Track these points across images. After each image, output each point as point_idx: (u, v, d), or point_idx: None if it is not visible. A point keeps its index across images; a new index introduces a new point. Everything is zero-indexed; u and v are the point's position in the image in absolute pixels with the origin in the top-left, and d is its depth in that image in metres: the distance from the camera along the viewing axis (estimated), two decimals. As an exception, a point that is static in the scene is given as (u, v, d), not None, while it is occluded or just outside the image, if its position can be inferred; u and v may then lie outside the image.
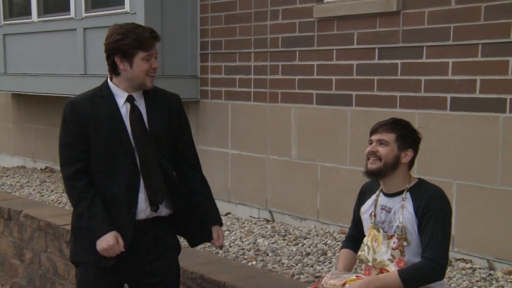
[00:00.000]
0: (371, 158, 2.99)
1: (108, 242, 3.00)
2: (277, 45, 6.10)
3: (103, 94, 3.15)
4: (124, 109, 3.12)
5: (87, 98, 3.16)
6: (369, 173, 3.01)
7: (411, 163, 3.04)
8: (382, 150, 2.97)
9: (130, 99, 3.13)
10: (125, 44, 3.05)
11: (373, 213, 3.07)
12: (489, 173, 4.59)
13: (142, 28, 3.10)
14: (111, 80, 3.19)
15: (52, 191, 7.78)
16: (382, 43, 5.22)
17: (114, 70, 3.14)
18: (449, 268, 4.55)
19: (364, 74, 5.38)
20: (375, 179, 3.07)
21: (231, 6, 6.53)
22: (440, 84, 4.85)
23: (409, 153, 2.99)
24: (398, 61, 5.11)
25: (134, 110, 3.13)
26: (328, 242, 5.28)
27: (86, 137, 3.06)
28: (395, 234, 2.93)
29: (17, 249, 6.21)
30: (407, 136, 3.00)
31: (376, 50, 5.27)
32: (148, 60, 3.08)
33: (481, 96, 4.61)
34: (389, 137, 2.97)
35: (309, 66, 5.82)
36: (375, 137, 3.01)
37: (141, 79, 3.10)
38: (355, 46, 5.43)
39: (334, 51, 5.60)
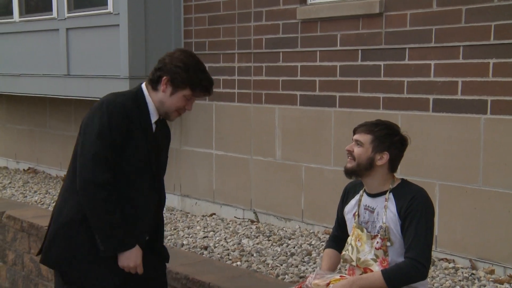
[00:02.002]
0: (348, 157, 3.05)
1: (136, 261, 2.92)
2: (260, 46, 6.12)
3: (140, 106, 2.99)
4: (153, 129, 3.07)
5: (131, 105, 2.95)
6: (344, 171, 3.07)
7: (392, 166, 3.03)
8: (356, 150, 3.00)
9: (157, 123, 3.08)
10: (182, 76, 2.96)
11: (356, 213, 3.09)
12: (470, 173, 4.65)
13: (206, 75, 3.03)
14: (147, 89, 3.05)
15: (35, 192, 7.74)
16: (365, 45, 5.26)
17: (154, 83, 3.01)
18: (432, 268, 4.60)
19: (347, 76, 5.42)
20: (351, 178, 3.11)
21: (215, 7, 6.54)
22: (422, 85, 4.90)
23: (385, 156, 2.97)
24: (381, 63, 5.16)
25: (159, 136, 3.11)
26: (312, 243, 5.31)
27: (123, 148, 2.91)
28: (379, 234, 2.96)
29: (0, 251, 6.17)
30: (384, 139, 2.98)
31: (359, 51, 5.31)
32: (188, 100, 3.03)
33: (463, 97, 4.67)
34: (365, 138, 2.99)
35: (293, 67, 5.85)
36: (354, 137, 3.05)
37: (170, 110, 3.04)
38: (338, 47, 5.47)
39: (318, 53, 5.63)
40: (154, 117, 3.04)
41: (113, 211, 2.86)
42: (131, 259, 2.93)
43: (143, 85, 3.07)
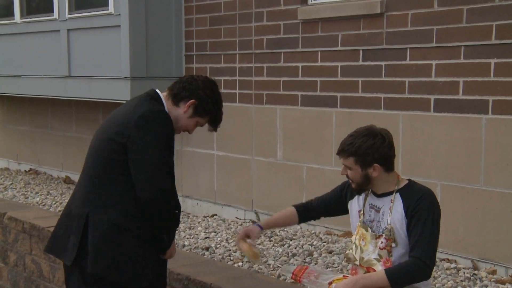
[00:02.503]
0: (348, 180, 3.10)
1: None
2: (262, 47, 6.12)
3: (168, 117, 3.09)
4: None
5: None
6: (354, 191, 3.13)
7: (387, 168, 3.00)
8: (350, 173, 3.03)
9: None
10: (208, 106, 3.13)
11: (361, 211, 3.09)
12: (472, 174, 4.64)
13: (222, 112, 3.24)
14: (165, 100, 3.14)
15: (36, 193, 7.74)
16: (366, 45, 5.26)
17: (177, 99, 3.12)
18: (434, 268, 4.59)
19: (348, 76, 5.41)
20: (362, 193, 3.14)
21: (216, 8, 6.54)
22: (423, 85, 4.89)
23: (376, 168, 2.96)
24: (382, 63, 5.15)
25: None
26: (314, 243, 5.30)
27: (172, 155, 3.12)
28: (383, 234, 2.96)
29: (1, 252, 6.17)
30: (366, 154, 2.94)
31: (360, 52, 5.31)
32: (197, 125, 3.22)
33: (464, 97, 4.66)
34: (350, 161, 2.99)
35: (294, 68, 5.84)
36: (341, 161, 3.06)
37: (180, 128, 3.20)
38: (339, 48, 5.46)
39: (319, 53, 5.63)
40: None
41: (176, 207, 3.11)
42: (173, 247, 3.23)
43: (161, 94, 3.14)
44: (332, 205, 3.31)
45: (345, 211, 3.28)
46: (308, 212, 3.37)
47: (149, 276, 3.07)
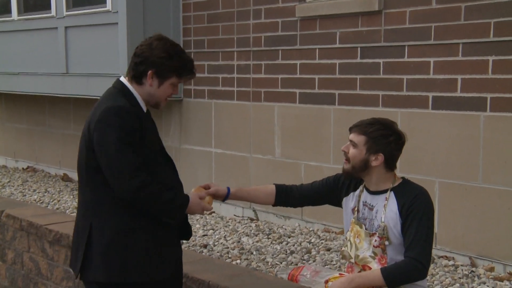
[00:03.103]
0: (344, 158, 3.04)
1: (200, 206, 3.07)
2: (260, 44, 6.11)
3: (131, 102, 2.97)
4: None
5: (130, 104, 2.96)
6: (343, 173, 3.08)
7: (389, 165, 2.99)
8: (351, 152, 2.98)
9: (148, 114, 3.09)
10: (168, 65, 2.94)
11: (356, 208, 3.08)
12: (470, 171, 4.64)
13: (187, 56, 3.02)
14: (129, 84, 3.03)
15: (34, 190, 7.73)
16: (364, 42, 5.25)
17: (138, 78, 2.98)
18: (432, 265, 4.60)
19: (346, 73, 5.41)
20: (350, 179, 3.11)
21: (214, 5, 6.53)
22: (422, 83, 4.89)
23: (380, 158, 2.94)
24: (380, 60, 5.15)
25: (153, 123, 3.13)
26: (312, 241, 5.30)
27: (142, 144, 2.92)
28: (377, 233, 2.95)
29: (-1, 250, 6.16)
30: (378, 141, 2.94)
31: (359, 49, 5.30)
32: (175, 86, 3.03)
33: (462, 95, 4.66)
34: (360, 139, 2.96)
35: (292, 65, 5.84)
36: (350, 136, 3.02)
37: (160, 100, 3.03)
38: (337, 45, 5.46)
39: (317, 50, 5.63)
40: (144, 109, 3.05)
41: (161, 195, 2.93)
42: (197, 209, 3.07)
43: (125, 81, 3.04)
44: (322, 194, 3.24)
45: (334, 203, 3.25)
46: (288, 197, 3.27)
47: (172, 265, 3.06)
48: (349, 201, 3.15)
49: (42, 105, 8.96)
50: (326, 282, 2.96)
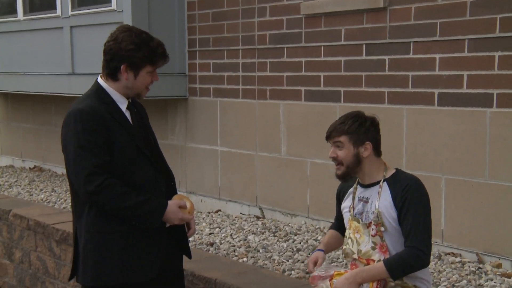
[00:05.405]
0: (335, 164, 3.07)
1: (177, 215, 2.96)
2: (265, 42, 6.11)
3: (105, 101, 2.97)
4: (128, 115, 3.04)
5: (97, 105, 2.94)
6: (338, 178, 3.12)
7: (377, 151, 3.04)
8: (340, 153, 3.01)
9: (130, 106, 3.06)
10: (138, 56, 2.93)
11: (351, 206, 3.11)
12: (477, 167, 4.63)
13: (155, 41, 2.99)
14: (106, 82, 3.02)
15: (41, 190, 7.76)
16: (369, 39, 5.24)
17: (113, 75, 2.98)
18: (438, 262, 4.59)
19: (352, 70, 5.40)
20: (346, 181, 3.15)
21: (218, 3, 6.52)
22: (427, 79, 4.88)
23: (368, 146, 2.99)
24: (386, 57, 5.14)
25: (137, 117, 3.09)
26: (318, 238, 5.30)
27: (110, 146, 2.89)
28: (372, 221, 2.97)
29: (7, 249, 6.19)
30: (359, 131, 2.99)
31: (364, 46, 5.29)
32: (152, 73, 3.01)
33: (468, 91, 4.64)
34: (343, 139, 3.00)
35: (297, 63, 5.83)
36: (331, 143, 3.05)
37: (140, 90, 3.03)
38: (342, 42, 5.45)
39: (322, 48, 5.62)
40: (123, 105, 3.03)
41: (125, 199, 2.86)
42: (173, 218, 2.97)
43: (100, 80, 3.04)
44: (341, 218, 3.28)
45: None
46: (342, 227, 3.29)
47: (154, 269, 3.00)
48: (347, 202, 3.18)
49: (48, 105, 8.98)
50: (331, 279, 2.96)
